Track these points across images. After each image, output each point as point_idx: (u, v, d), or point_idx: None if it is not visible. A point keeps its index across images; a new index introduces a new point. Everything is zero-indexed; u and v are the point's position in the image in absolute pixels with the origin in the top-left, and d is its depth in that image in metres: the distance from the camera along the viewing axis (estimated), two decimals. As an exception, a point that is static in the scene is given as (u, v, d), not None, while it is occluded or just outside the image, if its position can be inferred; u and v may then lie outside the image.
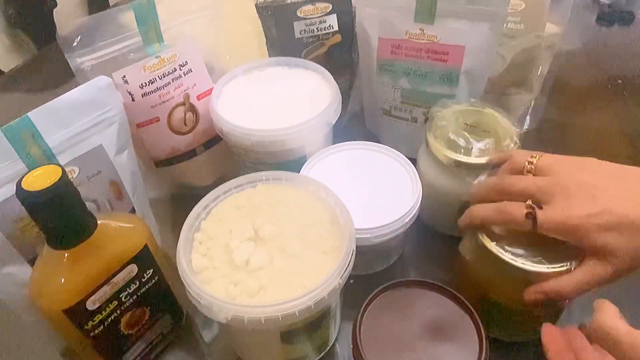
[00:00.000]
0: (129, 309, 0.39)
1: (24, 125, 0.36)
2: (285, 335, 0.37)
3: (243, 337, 0.41)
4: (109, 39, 0.47)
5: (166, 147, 0.53)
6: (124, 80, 0.47)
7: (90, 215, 0.35)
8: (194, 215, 0.40)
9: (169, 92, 0.50)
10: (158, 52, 0.49)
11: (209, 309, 0.34)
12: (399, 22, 0.53)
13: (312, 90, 0.53)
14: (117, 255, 0.37)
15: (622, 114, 0.70)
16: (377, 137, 0.64)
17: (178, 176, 0.57)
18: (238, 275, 0.36)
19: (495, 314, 0.40)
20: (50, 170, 0.31)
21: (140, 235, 0.38)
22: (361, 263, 0.40)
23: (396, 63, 0.55)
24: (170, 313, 0.44)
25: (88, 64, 0.46)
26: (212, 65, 0.55)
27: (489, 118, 0.49)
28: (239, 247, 0.37)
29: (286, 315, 0.33)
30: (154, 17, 0.47)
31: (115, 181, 0.43)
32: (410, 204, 0.45)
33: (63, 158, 0.38)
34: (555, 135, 0.67)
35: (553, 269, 0.36)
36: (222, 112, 0.50)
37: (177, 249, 0.37)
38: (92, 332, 0.37)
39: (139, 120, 0.50)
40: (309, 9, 0.56)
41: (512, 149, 0.45)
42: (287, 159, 0.50)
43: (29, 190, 0.30)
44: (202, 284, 0.35)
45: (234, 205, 0.41)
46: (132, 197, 0.45)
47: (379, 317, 0.37)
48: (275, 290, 0.35)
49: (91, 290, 0.35)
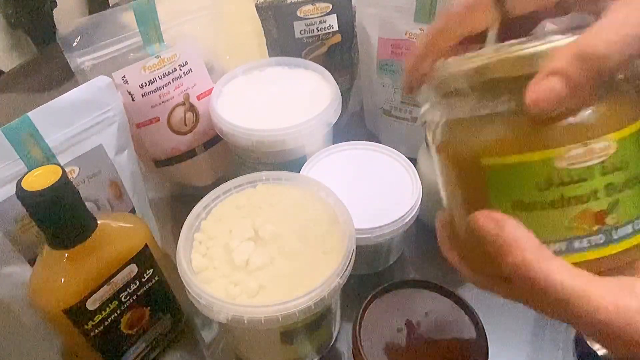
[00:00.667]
0: (129, 309, 0.39)
1: (24, 125, 0.36)
2: (285, 335, 0.37)
3: (243, 337, 0.41)
4: (109, 39, 0.47)
5: (166, 147, 0.53)
6: (124, 80, 0.47)
7: (90, 215, 0.35)
8: (194, 215, 0.40)
9: (169, 92, 0.50)
10: (158, 52, 0.49)
11: (209, 309, 0.34)
12: (399, 22, 0.53)
13: (312, 90, 0.53)
14: (117, 255, 0.37)
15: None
16: (377, 137, 0.64)
17: (178, 176, 0.57)
18: (238, 275, 0.36)
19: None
20: (50, 170, 0.31)
21: (140, 235, 0.38)
22: (361, 263, 0.40)
23: (396, 63, 0.55)
24: (170, 313, 0.44)
25: (88, 64, 0.46)
26: (212, 65, 0.55)
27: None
28: (239, 247, 0.37)
29: (286, 315, 0.33)
30: (154, 17, 0.47)
31: (115, 181, 0.43)
32: (410, 204, 0.45)
33: (63, 158, 0.38)
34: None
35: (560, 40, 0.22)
36: (222, 112, 0.50)
37: (177, 249, 0.37)
38: (92, 332, 0.37)
39: (139, 120, 0.50)
40: (309, 9, 0.56)
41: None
42: (287, 159, 0.50)
43: (29, 190, 0.30)
44: (202, 284, 0.35)
45: (234, 205, 0.41)
46: (132, 197, 0.45)
47: (379, 317, 0.37)
48: (275, 290, 0.35)
49: (91, 290, 0.35)
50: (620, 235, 0.22)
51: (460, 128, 0.25)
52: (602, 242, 0.22)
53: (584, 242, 0.22)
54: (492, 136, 0.23)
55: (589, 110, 0.21)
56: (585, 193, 0.21)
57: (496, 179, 0.23)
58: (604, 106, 0.21)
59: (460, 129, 0.25)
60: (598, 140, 0.21)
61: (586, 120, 0.21)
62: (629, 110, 0.22)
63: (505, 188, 0.23)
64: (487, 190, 0.23)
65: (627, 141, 0.21)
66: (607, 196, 0.21)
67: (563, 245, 0.22)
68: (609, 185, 0.21)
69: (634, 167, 0.22)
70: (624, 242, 0.22)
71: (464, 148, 0.24)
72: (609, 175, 0.21)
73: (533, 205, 0.22)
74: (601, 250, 0.22)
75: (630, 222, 0.22)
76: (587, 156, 0.21)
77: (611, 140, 0.21)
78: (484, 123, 0.23)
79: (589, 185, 0.21)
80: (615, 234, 0.22)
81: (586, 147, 0.21)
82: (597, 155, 0.21)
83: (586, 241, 0.22)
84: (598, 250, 0.22)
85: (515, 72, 0.22)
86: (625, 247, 0.22)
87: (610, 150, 0.21)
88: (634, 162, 0.22)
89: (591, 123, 0.21)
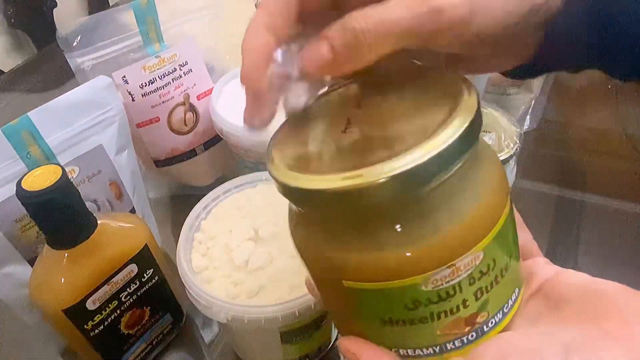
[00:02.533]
0: (129, 309, 0.39)
1: (24, 125, 0.36)
2: (285, 335, 0.37)
3: (243, 337, 0.41)
4: (109, 39, 0.47)
5: (166, 147, 0.53)
6: (124, 80, 0.47)
7: (90, 215, 0.35)
8: (194, 215, 0.40)
9: (169, 92, 0.50)
10: (158, 52, 0.49)
11: (209, 309, 0.34)
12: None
13: (312, 90, 0.53)
14: (117, 255, 0.37)
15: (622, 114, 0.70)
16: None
17: (178, 176, 0.57)
18: (238, 275, 0.36)
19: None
20: (50, 170, 0.31)
21: (140, 235, 0.38)
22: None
23: (396, 63, 0.55)
24: (170, 313, 0.44)
25: (88, 64, 0.46)
26: (212, 65, 0.55)
27: (489, 118, 0.49)
28: (239, 247, 0.37)
29: (286, 315, 0.33)
30: (154, 17, 0.47)
31: (115, 181, 0.43)
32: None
33: (63, 158, 0.38)
34: (555, 135, 0.67)
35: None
36: (222, 112, 0.50)
37: (177, 249, 0.37)
38: (92, 332, 0.37)
39: (139, 120, 0.50)
40: (309, 9, 0.56)
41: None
42: (287, 159, 0.50)
43: (29, 190, 0.30)
44: (202, 284, 0.35)
45: (234, 205, 0.41)
46: (132, 197, 0.45)
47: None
48: (275, 290, 0.35)
49: (91, 290, 0.35)
50: (491, 326, 0.21)
51: (316, 235, 0.22)
52: (473, 339, 0.21)
53: (456, 342, 0.21)
54: (353, 262, 0.20)
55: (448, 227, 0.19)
56: (455, 305, 0.20)
57: (360, 299, 0.21)
58: (467, 218, 0.19)
59: (316, 236, 0.22)
60: (465, 257, 0.19)
61: (450, 240, 0.19)
62: (494, 211, 0.20)
63: (371, 308, 0.21)
64: (352, 307, 0.22)
65: (494, 242, 0.20)
66: (476, 301, 0.20)
67: (436, 349, 0.21)
68: (478, 291, 0.20)
69: (500, 261, 0.20)
70: (497, 328, 0.22)
71: (323, 260, 0.21)
72: (477, 282, 0.20)
73: (403, 322, 0.21)
74: (475, 344, 0.21)
75: (500, 310, 0.22)
76: (454, 275, 0.19)
77: (478, 251, 0.19)
78: (341, 244, 0.20)
79: (457, 298, 0.20)
80: (486, 326, 0.21)
81: (453, 267, 0.19)
82: (464, 270, 0.19)
83: (458, 342, 0.21)
84: (471, 345, 0.21)
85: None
86: (500, 329, 0.22)
87: (477, 260, 0.20)
88: (499, 257, 0.20)
89: (457, 242, 0.19)
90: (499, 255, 0.20)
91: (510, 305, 0.22)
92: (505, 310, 0.22)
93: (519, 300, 0.22)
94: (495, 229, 0.20)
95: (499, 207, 0.20)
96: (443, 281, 0.19)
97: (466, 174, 0.19)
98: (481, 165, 0.20)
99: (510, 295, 0.22)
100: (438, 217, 0.19)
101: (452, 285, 0.20)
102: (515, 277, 0.22)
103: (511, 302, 0.22)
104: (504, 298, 0.22)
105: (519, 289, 0.22)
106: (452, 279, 0.19)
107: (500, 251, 0.20)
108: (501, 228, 0.20)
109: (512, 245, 0.22)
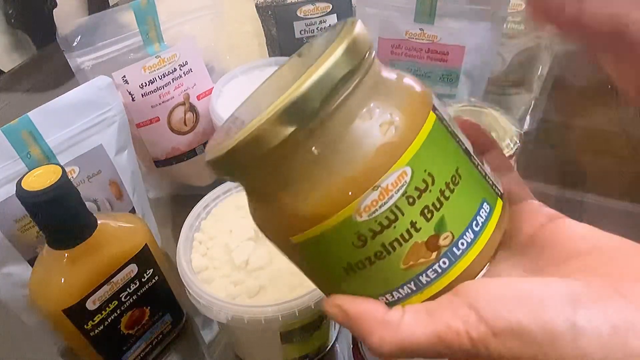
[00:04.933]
0: (129, 309, 0.39)
1: (24, 125, 0.36)
2: (285, 335, 0.37)
3: (243, 337, 0.41)
4: (109, 39, 0.47)
5: (166, 147, 0.53)
6: (124, 80, 0.47)
7: (90, 215, 0.35)
8: (194, 215, 0.40)
9: (169, 92, 0.50)
10: (158, 52, 0.49)
11: (209, 309, 0.34)
12: (399, 22, 0.53)
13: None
14: (117, 255, 0.37)
15: (622, 114, 0.70)
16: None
17: (178, 176, 0.57)
18: (238, 275, 0.36)
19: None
20: (50, 170, 0.31)
21: (140, 235, 0.38)
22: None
23: (396, 63, 0.55)
24: (170, 313, 0.44)
25: (88, 64, 0.46)
26: (212, 65, 0.55)
27: (489, 118, 0.49)
28: (239, 247, 0.37)
29: (286, 315, 0.33)
30: (154, 17, 0.47)
31: (115, 181, 0.43)
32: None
33: (63, 158, 0.38)
34: (555, 135, 0.67)
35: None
36: (222, 112, 0.50)
37: (177, 249, 0.37)
38: (92, 332, 0.37)
39: (139, 120, 0.50)
40: (309, 9, 0.56)
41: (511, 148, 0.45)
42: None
43: (29, 190, 0.30)
44: (202, 284, 0.35)
45: (234, 205, 0.41)
46: (132, 197, 0.45)
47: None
48: (275, 290, 0.35)
49: (91, 290, 0.35)
50: (463, 248, 0.20)
51: (260, 207, 0.22)
52: (447, 265, 0.19)
53: (430, 273, 0.19)
54: (287, 215, 0.20)
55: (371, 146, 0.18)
56: (404, 230, 0.19)
57: (313, 251, 0.20)
58: (382, 134, 0.18)
59: (260, 208, 0.22)
60: (388, 175, 0.18)
61: (366, 162, 0.18)
62: (410, 125, 0.19)
63: (328, 257, 0.20)
64: (312, 264, 0.21)
65: (422, 154, 0.19)
66: (427, 221, 0.19)
67: (411, 285, 0.20)
68: (425, 210, 0.19)
69: (441, 174, 0.19)
70: (473, 250, 0.20)
71: (271, 226, 0.22)
72: (419, 200, 0.19)
73: (362, 264, 0.20)
74: (454, 270, 0.20)
75: (468, 228, 0.20)
76: (385, 196, 0.18)
77: (402, 166, 0.18)
78: (273, 202, 0.20)
79: (403, 222, 0.19)
80: (457, 249, 0.19)
81: (379, 188, 0.18)
82: (394, 189, 0.18)
83: (431, 272, 0.19)
84: (450, 273, 0.20)
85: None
86: (478, 251, 0.20)
87: (405, 177, 0.18)
88: (437, 170, 0.19)
89: (373, 163, 0.18)
90: (437, 168, 0.19)
91: (482, 222, 0.20)
92: (476, 228, 0.20)
93: (497, 215, 0.21)
94: (417, 142, 0.19)
95: (415, 121, 0.19)
96: (375, 206, 0.18)
97: (367, 96, 0.19)
98: (386, 87, 0.20)
99: (473, 210, 0.20)
100: (347, 144, 0.19)
101: (388, 208, 0.18)
102: (474, 189, 0.20)
103: (481, 218, 0.20)
104: (466, 214, 0.20)
105: (487, 203, 0.20)
106: (385, 201, 0.18)
107: (435, 163, 0.19)
108: (426, 140, 0.19)
109: (455, 155, 0.20)
